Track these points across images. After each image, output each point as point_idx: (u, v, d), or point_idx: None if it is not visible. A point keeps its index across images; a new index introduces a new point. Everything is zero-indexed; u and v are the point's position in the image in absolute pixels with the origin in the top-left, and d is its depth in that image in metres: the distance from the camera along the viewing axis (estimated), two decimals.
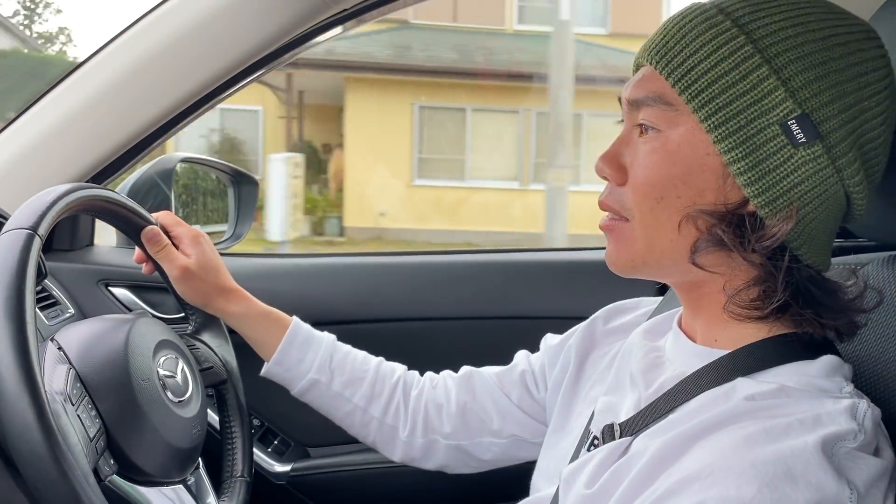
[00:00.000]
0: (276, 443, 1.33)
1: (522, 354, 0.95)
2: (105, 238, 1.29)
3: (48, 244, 0.68)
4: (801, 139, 0.57)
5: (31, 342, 0.60)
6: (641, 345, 0.73)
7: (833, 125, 0.58)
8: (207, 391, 0.90)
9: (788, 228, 0.58)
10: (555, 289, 1.36)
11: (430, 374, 0.97)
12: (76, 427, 0.66)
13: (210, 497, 0.89)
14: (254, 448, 1.09)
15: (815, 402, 0.56)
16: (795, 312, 0.60)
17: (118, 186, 1.21)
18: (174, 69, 1.03)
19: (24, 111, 1.06)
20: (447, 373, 0.97)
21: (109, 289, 1.22)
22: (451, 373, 0.97)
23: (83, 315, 1.14)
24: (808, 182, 0.58)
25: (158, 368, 0.79)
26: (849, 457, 0.53)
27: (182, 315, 0.98)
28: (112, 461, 0.70)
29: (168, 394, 0.78)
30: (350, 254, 1.41)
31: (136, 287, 1.24)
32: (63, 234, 1.22)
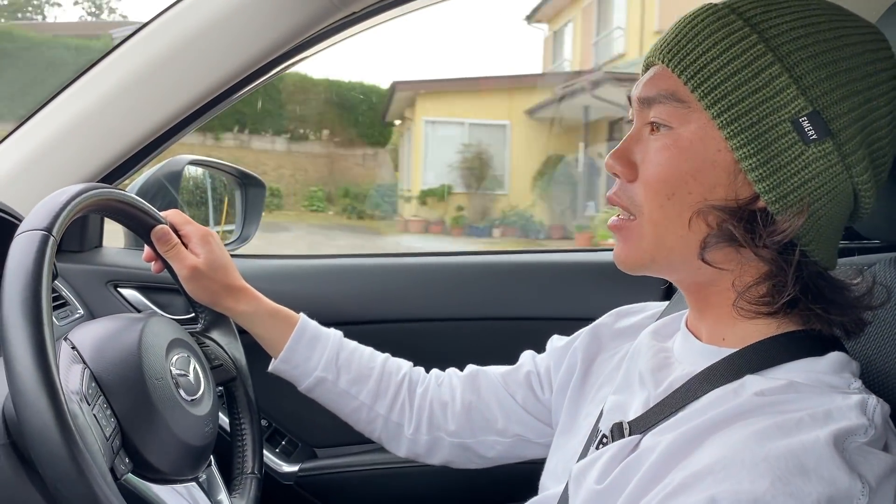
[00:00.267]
0: (284, 443, 1.34)
1: (528, 355, 0.96)
2: (114, 239, 1.30)
3: (58, 245, 0.69)
4: (813, 136, 0.58)
5: (49, 343, 0.60)
6: (650, 345, 0.74)
7: (843, 123, 0.58)
8: (217, 389, 0.90)
9: (799, 224, 0.58)
10: (561, 290, 1.36)
11: (436, 372, 0.98)
12: (92, 427, 0.66)
13: (221, 494, 0.89)
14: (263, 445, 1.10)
15: (825, 398, 0.57)
16: (804, 308, 0.61)
17: (126, 189, 1.22)
18: (185, 71, 1.04)
19: (36, 112, 1.06)
20: (453, 371, 0.98)
21: (118, 290, 1.23)
22: (457, 371, 0.98)
23: (92, 316, 1.14)
24: (819, 179, 0.59)
25: (171, 367, 0.80)
26: (859, 452, 0.53)
27: (191, 315, 0.99)
28: (127, 460, 0.71)
29: (181, 392, 0.79)
30: (357, 255, 1.42)
31: (145, 288, 1.25)
32: (72, 236, 1.22)
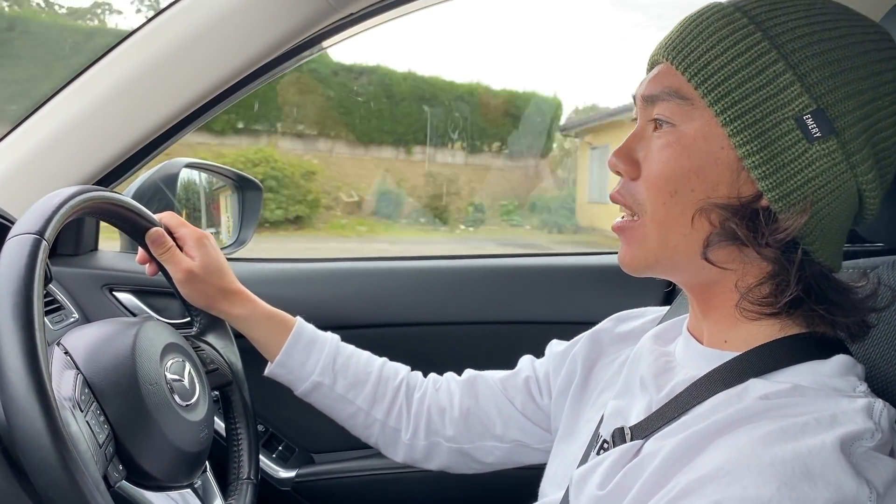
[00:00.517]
0: (281, 448, 1.33)
1: (527, 360, 0.95)
2: (109, 243, 1.29)
3: (52, 248, 0.67)
4: (817, 134, 0.57)
5: (41, 349, 0.59)
6: (651, 349, 0.73)
7: (848, 121, 0.58)
8: (213, 393, 0.89)
9: (802, 222, 0.58)
10: (560, 294, 1.35)
11: (434, 376, 0.97)
12: (85, 434, 0.65)
13: (217, 500, 0.89)
14: (259, 450, 1.09)
15: (831, 402, 0.56)
16: (808, 309, 0.60)
17: (123, 192, 1.21)
18: (181, 73, 1.03)
19: (31, 114, 1.05)
20: (450, 375, 0.97)
21: (114, 293, 1.22)
22: (455, 375, 0.97)
23: (87, 320, 1.13)
24: (823, 177, 0.58)
25: (166, 372, 0.78)
26: (866, 457, 0.52)
27: (187, 319, 0.98)
28: (121, 467, 0.70)
29: (176, 398, 0.78)
30: (355, 259, 1.41)
31: (141, 292, 1.24)
32: (67, 239, 1.22)
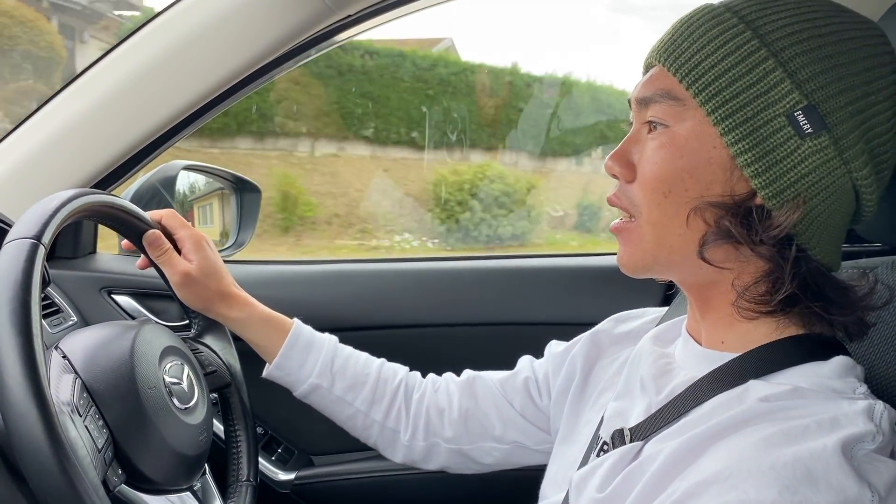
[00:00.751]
0: (280, 451, 1.33)
1: (526, 361, 0.95)
2: (108, 245, 1.29)
3: (51, 251, 0.67)
4: (808, 130, 0.57)
5: (39, 355, 0.59)
6: (651, 351, 0.73)
7: (840, 117, 0.58)
8: (211, 396, 0.89)
9: (795, 218, 0.58)
10: (559, 295, 1.35)
11: (433, 377, 0.97)
12: (84, 439, 0.65)
13: (216, 502, 0.88)
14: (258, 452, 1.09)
15: (831, 404, 0.56)
16: (804, 307, 0.60)
17: (120, 194, 1.21)
18: (179, 76, 1.03)
19: (28, 117, 1.05)
20: (449, 376, 0.97)
21: (112, 296, 1.22)
22: (454, 376, 0.97)
23: (86, 323, 1.13)
24: (815, 173, 0.58)
25: (164, 375, 0.78)
26: (868, 459, 0.52)
27: (185, 321, 0.98)
28: (120, 471, 0.70)
29: (174, 401, 0.78)
30: (354, 260, 1.41)
31: (139, 294, 1.24)
32: (66, 242, 1.21)
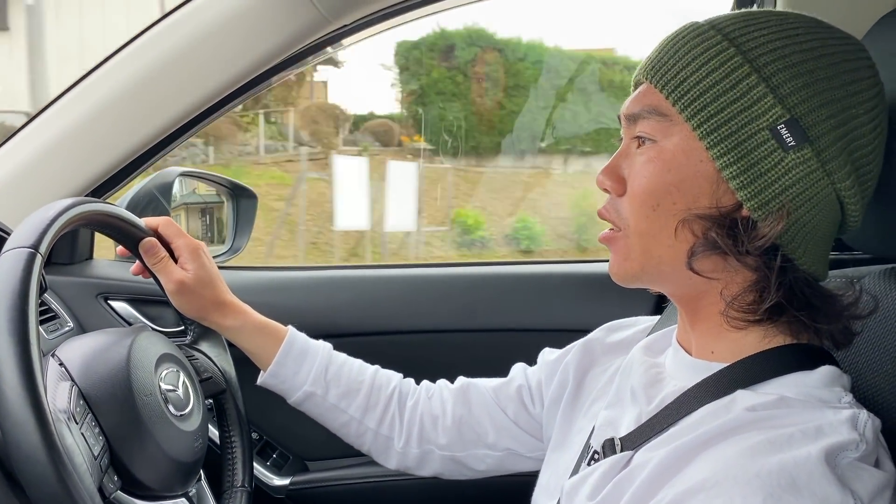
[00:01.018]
0: (275, 456, 1.33)
1: (519, 368, 0.95)
2: (104, 251, 1.29)
3: (47, 258, 0.68)
4: (791, 143, 0.59)
5: (36, 363, 0.60)
6: (642, 360, 0.74)
7: (822, 130, 0.59)
8: (207, 402, 0.90)
9: (780, 229, 0.59)
10: (552, 301, 1.36)
11: (426, 384, 0.98)
12: (81, 446, 0.65)
13: None
14: (253, 458, 1.09)
15: (816, 413, 0.57)
16: (791, 316, 0.62)
17: (117, 200, 1.21)
18: (174, 84, 1.03)
19: (27, 124, 1.06)
20: (443, 383, 0.97)
21: (109, 302, 1.22)
22: (447, 383, 0.97)
23: (82, 329, 1.13)
24: (799, 184, 0.59)
25: (160, 382, 0.79)
26: (851, 467, 0.53)
27: (181, 327, 0.98)
28: (116, 478, 0.70)
29: (170, 408, 0.78)
30: (348, 266, 1.42)
31: (136, 300, 1.24)
32: (62, 248, 1.22)
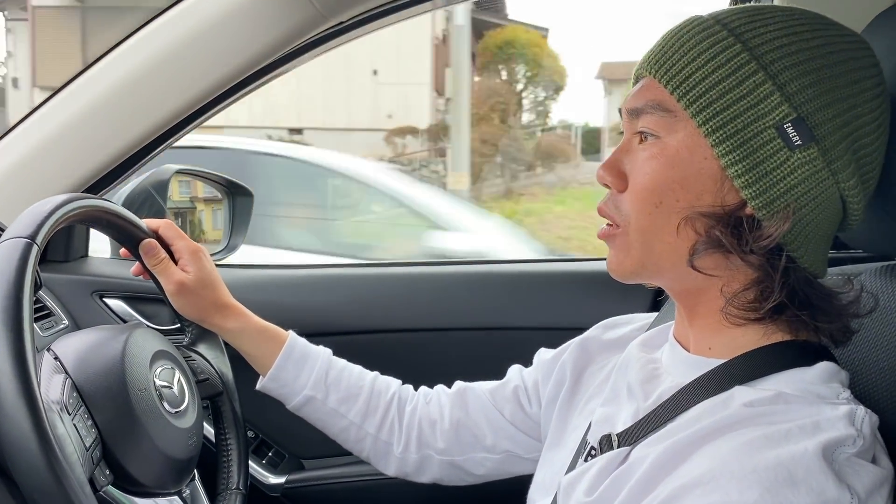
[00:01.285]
0: (271, 455, 1.32)
1: (516, 369, 0.95)
2: (100, 249, 1.29)
3: (42, 255, 0.68)
4: (797, 142, 0.58)
5: (29, 351, 0.60)
6: (638, 357, 0.73)
7: (828, 129, 0.59)
8: (203, 403, 0.89)
9: (786, 229, 0.59)
10: (549, 300, 1.36)
11: (424, 389, 0.97)
12: (72, 437, 0.65)
13: None
14: (249, 460, 1.09)
15: (814, 409, 0.56)
16: (791, 315, 0.61)
17: (113, 198, 1.21)
18: (171, 81, 1.03)
19: (22, 120, 1.06)
20: (441, 388, 0.97)
21: (104, 300, 1.22)
22: (445, 388, 0.97)
23: (77, 326, 1.13)
24: (805, 184, 0.59)
25: (155, 379, 0.79)
26: (848, 463, 0.53)
27: (177, 326, 0.98)
28: (108, 471, 0.70)
29: (164, 404, 0.78)
30: (346, 265, 1.42)
31: (131, 298, 1.24)
32: (58, 245, 1.21)
